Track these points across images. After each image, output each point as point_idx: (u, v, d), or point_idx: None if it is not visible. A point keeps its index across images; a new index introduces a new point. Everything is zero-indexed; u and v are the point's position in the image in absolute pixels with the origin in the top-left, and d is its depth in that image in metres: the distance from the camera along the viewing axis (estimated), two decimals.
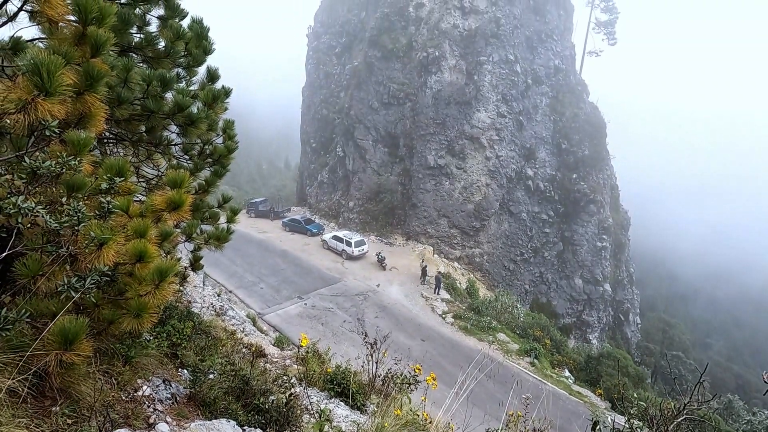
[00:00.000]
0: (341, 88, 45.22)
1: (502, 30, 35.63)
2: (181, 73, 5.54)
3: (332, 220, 41.56)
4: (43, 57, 2.68)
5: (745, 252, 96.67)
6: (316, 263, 30.84)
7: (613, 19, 46.94)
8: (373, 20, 40.54)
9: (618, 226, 42.32)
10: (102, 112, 3.52)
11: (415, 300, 27.03)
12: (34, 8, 3.24)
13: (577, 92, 41.79)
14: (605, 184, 40.19)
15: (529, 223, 36.88)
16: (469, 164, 35.48)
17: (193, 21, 5.68)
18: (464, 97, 35.42)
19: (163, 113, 4.76)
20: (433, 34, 36.61)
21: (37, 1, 2.91)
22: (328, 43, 49.16)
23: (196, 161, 6.17)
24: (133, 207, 3.73)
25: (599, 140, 40.63)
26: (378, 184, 38.13)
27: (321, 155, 46.55)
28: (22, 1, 3.20)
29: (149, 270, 3.29)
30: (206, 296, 16.98)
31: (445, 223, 35.79)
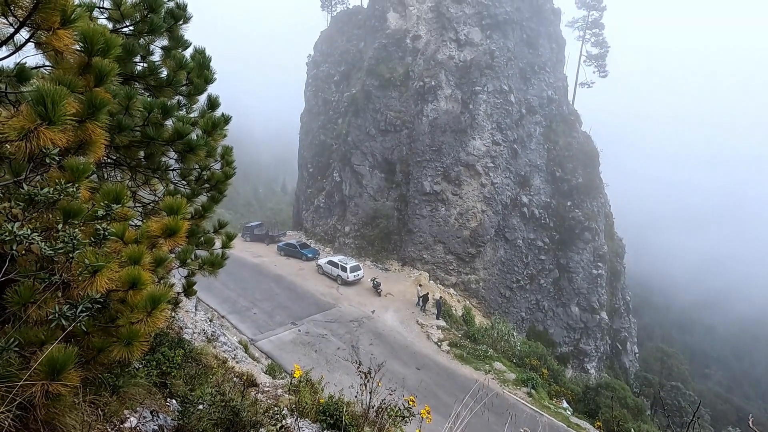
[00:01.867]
0: (339, 114, 46.01)
1: (496, 61, 36.69)
2: (182, 101, 5.66)
3: (328, 244, 41.43)
4: (48, 87, 2.74)
5: (737, 281, 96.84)
6: (310, 288, 30.52)
7: (603, 52, 48.54)
8: (372, 50, 41.69)
9: (613, 254, 42.43)
10: (102, 139, 3.57)
11: (411, 327, 26.66)
12: (41, 40, 3.34)
13: (570, 122, 42.72)
14: (599, 212, 40.55)
15: (524, 249, 36.92)
16: (465, 191, 35.79)
17: (196, 51, 5.83)
18: (460, 125, 36.10)
19: (163, 140, 4.82)
20: (430, 65, 37.63)
21: (46, 33, 3.00)
22: (327, 71, 50.35)
23: (194, 187, 6.20)
24: (129, 233, 3.73)
25: (593, 168, 41.27)
26: (374, 209, 38.26)
27: (318, 180, 46.84)
28: (30, 32, 3.29)
29: (142, 297, 3.26)
30: (198, 321, 16.70)
31: (441, 249, 35.76)
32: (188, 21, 5.39)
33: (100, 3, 4.93)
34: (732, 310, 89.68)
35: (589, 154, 41.64)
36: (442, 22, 37.98)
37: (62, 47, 3.23)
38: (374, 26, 42.92)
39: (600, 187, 41.77)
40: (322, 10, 59.94)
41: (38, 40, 3.26)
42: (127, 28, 4.81)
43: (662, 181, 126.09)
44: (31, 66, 4.50)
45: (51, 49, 3.59)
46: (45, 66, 4.50)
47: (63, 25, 2.94)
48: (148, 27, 4.68)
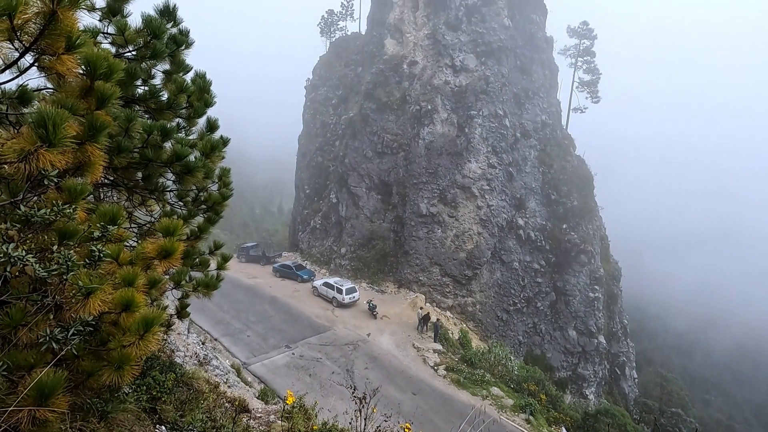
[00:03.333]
0: (336, 137, 46.53)
1: (491, 87, 37.49)
2: (182, 123, 5.73)
3: (324, 266, 41.18)
4: (50, 110, 2.78)
5: (732, 305, 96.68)
6: (305, 310, 30.15)
7: (595, 79, 49.76)
8: (369, 75, 42.54)
9: (609, 277, 42.39)
10: (101, 161, 3.59)
11: (407, 350, 26.26)
12: (45, 64, 3.40)
13: (564, 146, 43.37)
14: (595, 235, 40.71)
15: (521, 272, 36.83)
16: (461, 213, 35.93)
17: (197, 75, 5.94)
18: (456, 148, 36.55)
19: (161, 162, 4.86)
20: (426, 89, 38.38)
21: (50, 58, 3.06)
22: (325, 94, 51.21)
23: (190, 208, 6.20)
24: (124, 254, 3.71)
25: (587, 192, 41.66)
26: (370, 231, 38.25)
27: (314, 201, 46.95)
28: (35, 57, 3.36)
29: (135, 320, 3.22)
30: (190, 344, 16.38)
31: (438, 271, 35.61)
32: (190, 46, 5.51)
33: (104, 28, 5.05)
34: (729, 334, 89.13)
35: (584, 178, 42.12)
36: (438, 49, 38.95)
37: (65, 71, 3.29)
38: (372, 52, 43.94)
39: (595, 210, 42.08)
40: (322, 36, 61.47)
41: (42, 64, 3.32)
42: (130, 53, 4.92)
43: (656, 205, 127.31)
44: (32, 88, 4.56)
45: (54, 72, 3.66)
46: (47, 88, 4.57)
47: (68, 51, 3.00)
48: (150, 52, 4.79)
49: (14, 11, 2.67)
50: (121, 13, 5.06)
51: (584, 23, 48.93)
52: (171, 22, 5.22)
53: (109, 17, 4.90)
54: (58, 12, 2.83)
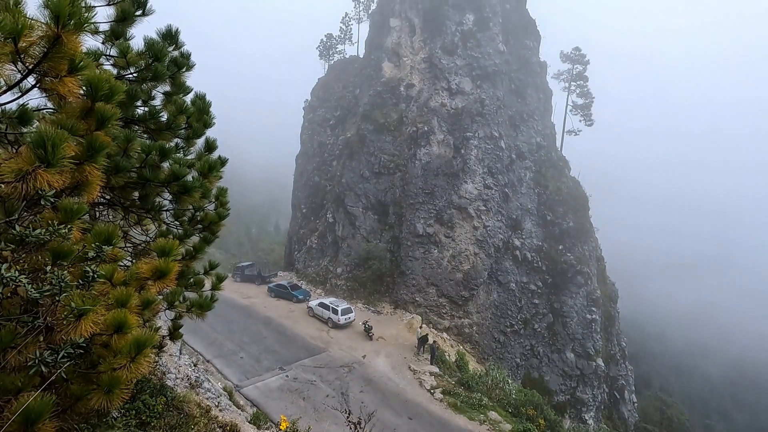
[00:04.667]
0: (334, 157, 46.87)
1: (486, 109, 38.12)
2: (181, 143, 5.77)
3: (319, 286, 40.82)
4: (49, 131, 2.80)
5: (729, 327, 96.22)
6: (300, 331, 29.71)
7: (588, 102, 50.74)
8: (367, 97, 43.21)
9: (606, 299, 42.22)
10: (98, 181, 3.60)
11: (403, 373, 25.81)
12: (47, 85, 3.45)
13: (559, 167, 43.86)
14: (591, 256, 40.73)
15: (518, 293, 36.64)
16: (458, 233, 35.96)
17: (197, 96, 6.03)
18: (452, 169, 36.86)
19: (159, 182, 4.88)
20: (423, 111, 38.96)
21: (52, 80, 3.10)
22: (323, 115, 51.84)
23: (186, 227, 6.19)
24: (118, 274, 3.68)
25: (583, 213, 41.90)
26: (367, 250, 38.12)
27: (311, 221, 46.91)
28: (37, 78, 3.41)
29: (126, 342, 3.17)
30: (182, 366, 16.04)
31: (434, 291, 35.37)
32: (191, 69, 5.61)
33: (107, 51, 5.14)
34: (728, 357, 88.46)
35: (579, 199, 42.43)
36: (434, 72, 39.74)
37: (67, 93, 3.33)
38: (369, 74, 44.75)
39: (590, 231, 42.23)
40: (321, 59, 62.69)
41: (44, 85, 3.37)
42: (131, 75, 5.00)
43: (652, 227, 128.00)
44: (33, 107, 4.60)
45: (56, 93, 3.70)
46: (47, 108, 4.61)
47: (70, 73, 3.05)
48: (152, 74, 4.86)
49: (19, 35, 2.72)
50: (123, 36, 5.16)
51: (576, 49, 50.21)
52: (173, 45, 5.32)
53: (112, 40, 5.00)
54: (62, 36, 2.89)
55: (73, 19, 2.81)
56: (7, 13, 2.71)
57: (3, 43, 2.67)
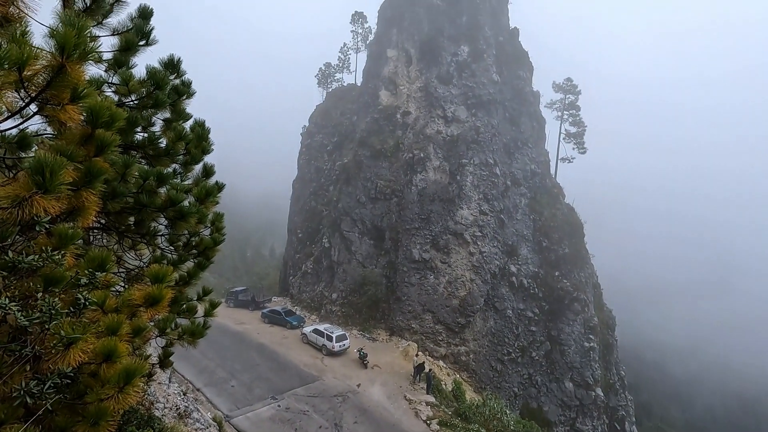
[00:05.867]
0: (331, 182, 47.15)
1: (481, 137, 38.76)
2: (178, 169, 5.81)
3: (314, 312, 40.25)
4: (48, 157, 2.82)
5: (727, 356, 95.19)
6: (293, 359, 29.07)
7: (581, 131, 51.76)
8: (364, 123, 43.90)
9: (604, 326, 41.81)
10: (95, 207, 3.60)
11: (398, 403, 25.15)
12: (49, 112, 3.50)
13: (554, 194, 44.27)
14: (587, 282, 40.59)
15: (515, 320, 36.25)
16: (454, 259, 35.86)
17: (196, 123, 6.11)
18: (448, 195, 37.11)
19: (155, 207, 4.88)
20: (419, 138, 39.55)
21: (54, 108, 3.14)
22: (320, 141, 52.48)
23: (181, 252, 6.15)
24: (110, 301, 3.63)
25: (578, 239, 42.02)
26: (362, 276, 37.82)
27: (307, 245, 46.70)
28: (39, 106, 3.46)
29: (116, 371, 3.10)
30: (171, 395, 15.59)
31: (430, 318, 34.94)
32: (191, 96, 5.71)
33: (109, 78, 5.24)
34: (728, 386, 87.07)
35: (574, 226, 42.63)
36: (430, 101, 40.59)
37: (68, 120, 3.38)
38: (367, 102, 45.62)
39: (586, 258, 42.23)
40: (319, 86, 64.04)
41: (46, 112, 3.41)
42: (132, 102, 5.08)
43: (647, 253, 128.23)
44: (32, 132, 4.63)
45: (56, 120, 3.74)
46: (47, 134, 4.65)
47: (72, 101, 3.10)
48: (152, 101, 4.95)
49: (24, 64, 2.78)
50: (126, 64, 5.28)
51: (568, 80, 51.63)
52: (174, 73, 5.44)
53: (115, 68, 5.10)
54: (66, 65, 2.95)
55: (78, 50, 2.88)
56: (13, 43, 2.78)
57: (8, 72, 2.72)
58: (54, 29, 3.06)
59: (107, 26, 5.09)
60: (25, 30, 3.34)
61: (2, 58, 2.66)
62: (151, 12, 5.24)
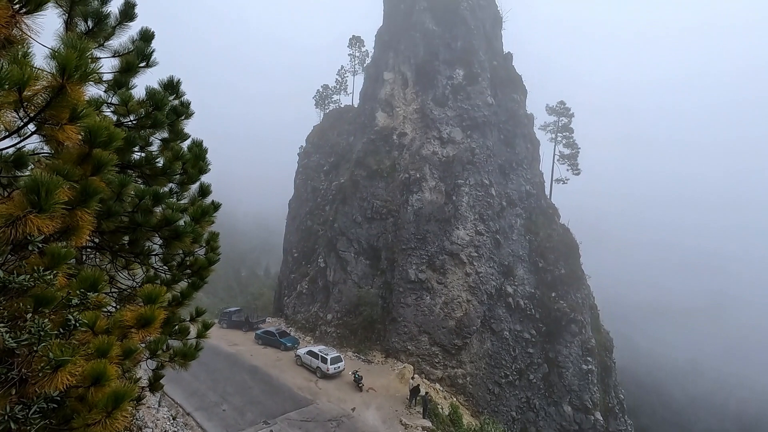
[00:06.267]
0: (327, 202, 47.23)
1: (476, 158, 39.18)
2: (175, 188, 5.81)
3: (308, 333, 39.66)
4: (44, 176, 2.81)
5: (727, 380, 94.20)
6: (287, 381, 28.47)
7: (574, 153, 52.46)
8: (361, 144, 44.32)
9: (602, 348, 41.41)
10: (89, 226, 3.57)
11: (394, 427, 24.55)
12: (47, 132, 3.51)
13: (549, 214, 44.51)
14: (584, 303, 40.41)
15: (512, 342, 35.86)
16: (450, 279, 35.68)
17: (194, 143, 6.14)
18: (444, 215, 37.22)
19: (150, 226, 4.85)
20: (415, 159, 39.91)
21: (52, 128, 3.16)
22: (317, 161, 52.82)
23: (175, 272, 6.09)
24: (100, 322, 3.57)
25: (574, 260, 42.03)
26: (358, 296, 37.49)
27: (302, 265, 46.39)
28: (37, 125, 3.47)
29: (104, 394, 3.02)
30: (160, 419, 15.17)
31: (426, 339, 34.50)
32: (190, 117, 5.77)
33: (109, 99, 5.28)
34: (727, 410, 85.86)
35: (570, 246, 42.71)
36: (426, 122, 41.15)
37: (66, 139, 3.39)
38: (363, 123, 46.19)
39: (582, 279, 42.16)
40: (316, 107, 64.88)
41: (44, 132, 3.43)
42: (131, 122, 5.12)
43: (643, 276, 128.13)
44: (29, 151, 4.63)
45: (54, 139, 3.75)
46: (44, 153, 4.65)
47: (71, 121, 3.12)
48: (151, 122, 4.99)
49: (24, 85, 2.80)
50: (126, 85, 5.34)
51: (561, 102, 52.65)
52: (174, 94, 5.50)
53: (115, 89, 5.15)
54: (66, 86, 2.98)
55: (79, 71, 2.92)
56: (14, 65, 2.81)
57: (8, 92, 2.74)
58: (55, 51, 3.10)
59: (108, 48, 5.17)
60: (27, 51, 3.39)
61: (2, 78, 2.69)
62: (153, 35, 5.34)
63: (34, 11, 3.07)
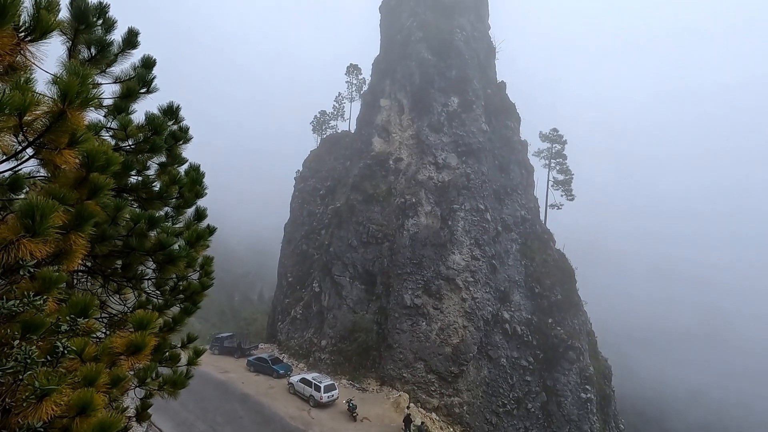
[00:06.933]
0: (323, 226, 47.18)
1: (472, 183, 39.54)
2: (171, 212, 5.79)
3: (302, 359, 38.83)
4: (39, 200, 2.80)
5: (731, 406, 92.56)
6: (279, 410, 27.66)
7: (568, 179, 53.08)
8: (357, 169, 44.69)
9: (600, 376, 40.74)
10: (82, 250, 3.54)
11: None
12: (45, 156, 3.52)
13: (544, 240, 44.62)
14: (581, 330, 40.02)
15: (509, 369, 35.23)
16: (446, 305, 35.34)
17: (191, 167, 6.16)
18: (439, 240, 37.21)
19: (144, 251, 4.81)
20: (411, 184, 40.22)
21: (50, 152, 3.17)
22: (313, 185, 53.08)
23: (167, 297, 6.00)
24: (89, 348, 3.48)
25: (570, 285, 41.89)
26: (353, 322, 36.95)
27: (297, 290, 45.88)
28: (35, 149, 3.48)
29: (89, 425, 2.92)
30: None
31: (422, 367, 33.83)
32: (188, 142, 5.82)
33: (108, 123, 5.33)
34: None
35: (566, 272, 42.65)
36: (422, 148, 41.70)
37: (64, 163, 3.40)
38: (360, 148, 46.72)
39: (579, 305, 41.91)
40: (314, 133, 65.70)
41: (42, 156, 3.44)
42: (129, 146, 5.15)
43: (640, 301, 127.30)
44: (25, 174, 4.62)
45: (52, 163, 3.76)
46: (39, 176, 4.64)
47: (69, 146, 3.14)
48: (149, 146, 5.02)
49: (25, 110, 2.83)
50: (126, 110, 5.40)
51: (554, 130, 53.64)
52: (173, 120, 5.57)
53: (114, 114, 5.21)
54: (67, 111, 3.02)
55: (80, 97, 2.96)
56: (16, 90, 2.85)
57: (8, 117, 2.77)
58: (57, 77, 3.15)
59: (110, 74, 5.26)
60: (29, 77, 3.44)
61: (3, 103, 2.71)
62: (154, 62, 5.45)
63: (39, 39, 3.13)
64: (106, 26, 4.82)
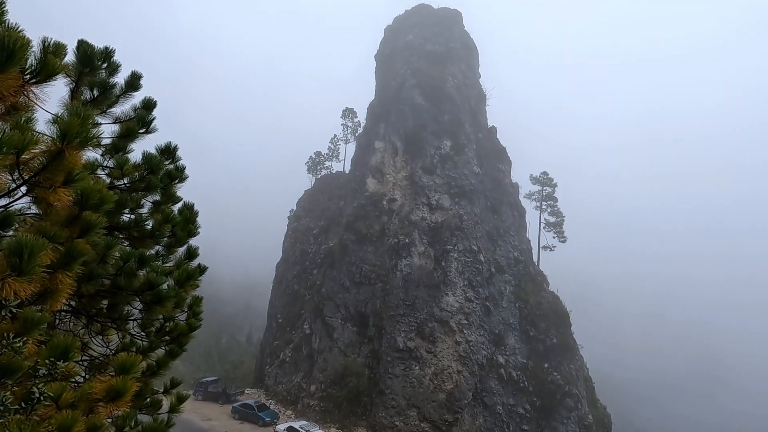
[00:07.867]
0: (315, 266, 46.72)
1: (465, 224, 39.82)
2: (162, 251, 5.72)
3: (290, 406, 37.17)
4: (28, 239, 2.75)
5: None
6: None
7: (559, 221, 53.67)
8: (351, 209, 44.96)
9: (600, 425, 39.27)
10: (68, 289, 3.46)
11: None
12: (38, 194, 3.51)
13: (538, 281, 44.42)
14: (578, 375, 39.01)
15: (505, 417, 33.90)
16: (440, 348, 34.49)
17: (185, 205, 6.16)
18: (433, 281, 36.89)
19: (132, 290, 4.71)
20: (404, 224, 40.39)
21: (44, 190, 3.17)
22: (307, 225, 53.08)
23: (153, 339, 5.79)
24: (67, 394, 3.32)
25: (565, 329, 41.26)
26: (344, 366, 35.78)
27: (286, 331, 44.68)
28: (29, 187, 3.48)
29: None
30: None
31: (415, 414, 32.47)
32: (184, 181, 5.85)
33: (104, 162, 5.37)
34: None
35: (560, 314, 42.15)
36: (415, 189, 42.27)
37: (57, 201, 3.39)
38: (354, 188, 47.25)
39: (575, 349, 41.10)
40: (308, 173, 66.59)
41: (36, 194, 3.43)
42: (124, 185, 5.16)
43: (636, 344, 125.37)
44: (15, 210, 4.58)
45: (45, 201, 3.74)
46: (30, 213, 4.60)
47: (65, 184, 3.14)
48: (145, 185, 5.04)
49: (24, 149, 2.85)
50: (124, 149, 5.46)
51: (544, 173, 54.84)
52: (170, 159, 5.63)
53: (112, 153, 5.26)
54: (65, 151, 3.04)
55: (79, 137, 3.00)
56: (16, 129, 2.88)
57: (6, 155, 2.78)
58: (58, 116, 3.21)
59: (110, 114, 5.36)
60: (30, 117, 3.50)
61: (2, 142, 2.74)
62: (155, 104, 5.57)
63: (44, 82, 3.21)
64: (110, 69, 4.97)
